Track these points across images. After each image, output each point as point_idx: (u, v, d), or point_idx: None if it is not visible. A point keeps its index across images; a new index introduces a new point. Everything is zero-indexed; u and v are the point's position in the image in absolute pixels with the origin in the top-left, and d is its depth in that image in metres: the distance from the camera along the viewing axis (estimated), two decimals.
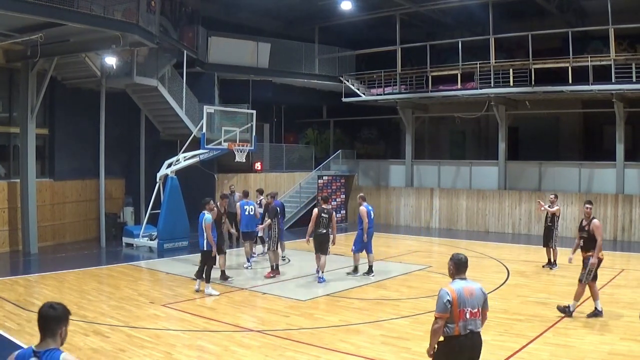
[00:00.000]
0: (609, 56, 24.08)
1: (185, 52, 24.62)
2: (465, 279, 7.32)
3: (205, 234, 14.77)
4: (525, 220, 27.27)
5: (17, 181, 21.56)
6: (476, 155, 32.27)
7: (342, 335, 11.21)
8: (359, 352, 10.26)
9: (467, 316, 7.01)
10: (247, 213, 18.60)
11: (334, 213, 16.65)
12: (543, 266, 18.41)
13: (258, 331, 11.53)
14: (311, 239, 16.41)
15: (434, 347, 7.08)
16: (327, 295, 14.76)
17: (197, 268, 15.54)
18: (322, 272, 16.25)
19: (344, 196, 31.55)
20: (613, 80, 23.74)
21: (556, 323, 11.86)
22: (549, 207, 18.28)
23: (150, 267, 19.06)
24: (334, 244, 16.67)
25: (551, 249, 18.51)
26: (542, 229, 20.47)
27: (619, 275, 17.23)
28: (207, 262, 14.83)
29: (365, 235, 16.87)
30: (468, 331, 7.02)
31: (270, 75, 30.23)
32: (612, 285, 15.84)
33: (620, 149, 25.15)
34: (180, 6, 24.77)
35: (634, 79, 23.35)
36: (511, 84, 26.23)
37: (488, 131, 32.41)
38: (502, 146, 28.36)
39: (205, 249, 14.87)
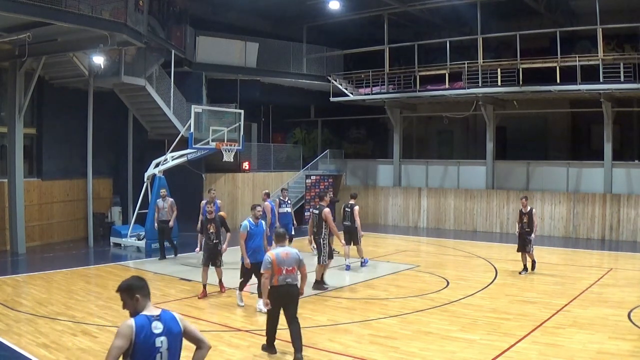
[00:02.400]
0: (597, 56, 24.15)
1: (173, 51, 24.56)
2: (284, 246, 10.26)
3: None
4: (513, 219, 27.11)
5: (5, 181, 21.44)
6: (464, 154, 32.33)
7: (330, 335, 11.20)
8: (347, 352, 10.26)
9: (284, 272, 9.84)
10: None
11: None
12: (520, 272, 17.33)
13: (246, 331, 11.51)
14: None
15: (267, 296, 9.87)
16: (315, 294, 14.74)
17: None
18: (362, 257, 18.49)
19: (331, 195, 31.50)
20: (601, 80, 23.84)
21: (544, 322, 11.88)
22: (522, 210, 17.54)
23: (138, 267, 19.00)
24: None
25: (526, 255, 17.39)
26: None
27: (607, 275, 17.32)
28: (243, 274, 13.33)
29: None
30: (285, 282, 9.85)
31: (258, 75, 30.20)
32: (601, 284, 15.90)
33: (608, 149, 25.26)
34: (169, 6, 24.70)
35: (622, 79, 23.43)
36: (499, 83, 26.28)
37: (476, 131, 32.47)
38: (490, 146, 28.44)
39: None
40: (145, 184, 22.58)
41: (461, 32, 29.89)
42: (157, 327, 5.08)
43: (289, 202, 20.53)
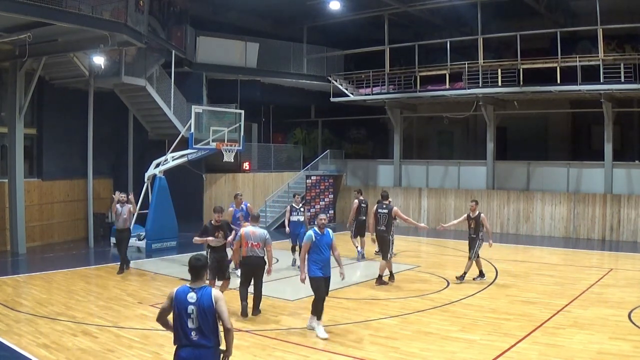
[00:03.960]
0: (598, 56, 24.15)
1: (173, 51, 24.59)
2: (255, 226, 12.88)
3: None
4: (513, 220, 27.32)
5: (5, 181, 21.44)
6: (464, 155, 32.31)
7: (330, 335, 11.17)
8: (347, 352, 10.25)
9: (250, 246, 12.47)
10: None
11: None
12: (474, 279, 16.33)
13: (246, 331, 11.48)
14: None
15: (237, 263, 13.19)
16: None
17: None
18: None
19: (332, 196, 31.50)
20: (601, 81, 23.83)
21: (545, 322, 11.88)
22: (470, 215, 16.29)
23: (138, 267, 18.98)
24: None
25: (473, 261, 16.25)
26: (529, 229, 20.54)
27: (607, 275, 17.30)
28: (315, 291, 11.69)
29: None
30: (250, 254, 12.48)
31: (259, 75, 30.22)
32: (601, 284, 15.88)
33: (608, 149, 25.23)
34: (169, 6, 24.71)
35: (622, 79, 23.42)
36: (499, 84, 26.27)
37: (476, 131, 32.48)
38: (490, 146, 28.41)
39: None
40: (145, 184, 22.59)
41: (462, 32, 29.89)
42: (192, 297, 6.53)
43: (301, 209, 18.80)
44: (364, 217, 20.07)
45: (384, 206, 16.33)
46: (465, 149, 33.35)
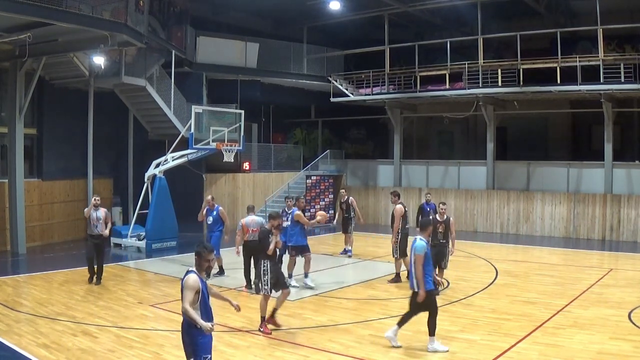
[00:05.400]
0: (598, 56, 24.16)
1: (173, 51, 24.56)
2: (253, 215, 15.39)
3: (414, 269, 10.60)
4: (513, 220, 27.32)
5: (5, 181, 21.45)
6: (464, 155, 32.30)
7: (330, 335, 11.20)
8: (347, 352, 10.26)
9: (251, 232, 14.80)
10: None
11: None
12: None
13: (246, 331, 11.50)
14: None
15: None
16: (316, 295, 14.75)
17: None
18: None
19: (332, 196, 31.49)
20: (601, 81, 23.82)
21: (545, 322, 11.88)
22: (439, 217, 14.99)
23: (138, 268, 19.01)
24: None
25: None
26: (529, 229, 20.61)
27: (607, 275, 17.30)
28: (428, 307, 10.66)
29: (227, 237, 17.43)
30: (251, 239, 14.56)
31: (259, 75, 30.20)
32: (601, 284, 15.89)
33: (608, 149, 25.23)
34: (169, 6, 24.70)
35: (622, 79, 23.42)
36: (499, 84, 26.27)
37: (476, 131, 32.48)
38: (490, 146, 28.42)
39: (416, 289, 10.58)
40: (145, 185, 22.57)
41: (462, 32, 29.89)
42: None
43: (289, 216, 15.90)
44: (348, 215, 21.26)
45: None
46: (465, 149, 33.34)
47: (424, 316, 10.39)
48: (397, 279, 16.20)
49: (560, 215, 25.97)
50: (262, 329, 11.41)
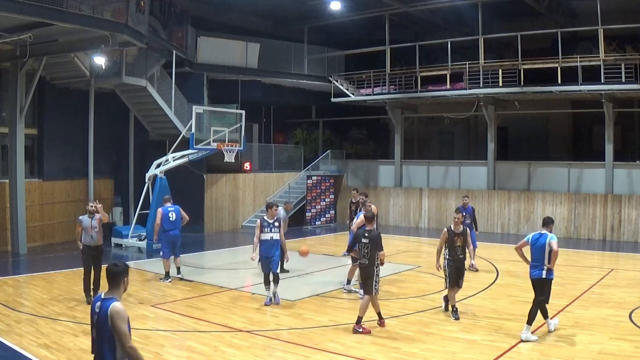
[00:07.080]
0: (598, 56, 24.16)
1: (174, 52, 24.55)
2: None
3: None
4: (514, 220, 27.32)
5: (6, 181, 21.46)
6: (465, 155, 32.32)
7: (331, 335, 11.21)
8: (348, 352, 10.26)
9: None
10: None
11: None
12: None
13: (247, 331, 11.50)
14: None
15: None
16: (317, 295, 14.74)
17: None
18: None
19: (333, 196, 31.51)
20: (602, 81, 23.82)
21: (545, 323, 11.86)
22: (454, 227, 14.43)
23: (139, 268, 18.99)
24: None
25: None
26: (530, 229, 20.50)
27: (608, 275, 17.32)
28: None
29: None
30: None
31: (260, 76, 30.18)
32: (602, 285, 15.90)
33: (609, 149, 25.23)
34: (170, 6, 24.68)
35: (623, 79, 23.42)
36: (500, 84, 26.27)
37: (477, 131, 32.48)
38: (491, 146, 28.42)
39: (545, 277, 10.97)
40: (146, 185, 22.56)
41: (462, 32, 29.86)
42: (97, 307, 6.18)
43: (276, 224, 13.81)
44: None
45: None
46: (466, 149, 33.34)
47: (424, 316, 10.37)
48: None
49: (561, 215, 25.95)
50: (360, 329, 11.40)
